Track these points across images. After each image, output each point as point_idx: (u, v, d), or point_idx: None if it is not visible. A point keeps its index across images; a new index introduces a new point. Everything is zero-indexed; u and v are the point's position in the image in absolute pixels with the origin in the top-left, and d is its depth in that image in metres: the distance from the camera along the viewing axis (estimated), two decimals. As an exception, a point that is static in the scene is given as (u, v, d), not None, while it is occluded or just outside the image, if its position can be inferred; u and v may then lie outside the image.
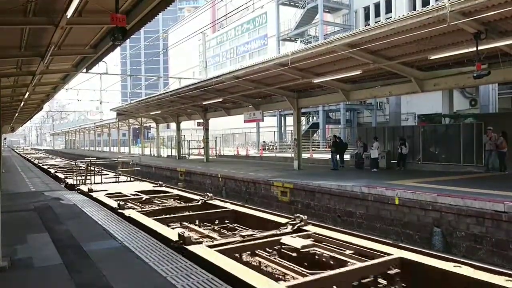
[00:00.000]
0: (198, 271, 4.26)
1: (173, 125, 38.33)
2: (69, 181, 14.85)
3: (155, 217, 7.74)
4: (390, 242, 6.10)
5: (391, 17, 12.84)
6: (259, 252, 6.21)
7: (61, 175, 17.40)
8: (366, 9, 36.64)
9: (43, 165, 24.82)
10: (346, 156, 19.87)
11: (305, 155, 22.11)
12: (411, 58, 11.86)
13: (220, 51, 66.10)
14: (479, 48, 9.43)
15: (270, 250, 6.19)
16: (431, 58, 11.07)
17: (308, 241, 5.98)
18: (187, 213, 8.78)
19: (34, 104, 23.18)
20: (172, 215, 8.43)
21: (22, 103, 19.40)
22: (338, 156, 18.72)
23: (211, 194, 9.89)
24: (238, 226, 7.87)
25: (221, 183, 18.03)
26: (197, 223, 8.26)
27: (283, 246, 5.99)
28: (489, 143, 14.46)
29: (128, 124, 44.84)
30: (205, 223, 8.26)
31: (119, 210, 8.14)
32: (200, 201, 9.62)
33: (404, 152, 16.82)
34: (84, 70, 12.08)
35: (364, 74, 13.70)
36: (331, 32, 37.40)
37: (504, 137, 14.34)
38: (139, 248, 5.15)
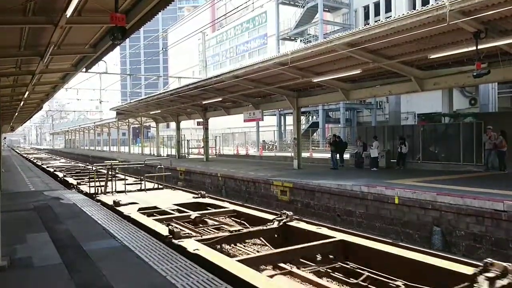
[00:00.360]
0: (198, 270, 4.26)
1: (173, 125, 38.34)
2: (84, 188, 12.18)
3: (239, 259, 5.24)
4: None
5: (390, 16, 12.84)
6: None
7: (71, 180, 14.58)
8: (366, 8, 36.63)
9: (47, 167, 21.68)
10: (346, 156, 19.87)
11: (304, 155, 22.12)
12: (411, 57, 11.85)
13: (220, 51, 66.09)
14: (479, 47, 9.43)
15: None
16: (431, 57, 11.07)
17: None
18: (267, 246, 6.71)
19: (34, 103, 23.17)
20: (251, 249, 6.74)
21: (22, 102, 19.39)
22: (337, 155, 18.72)
23: (291, 213, 7.28)
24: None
25: (221, 182, 18.04)
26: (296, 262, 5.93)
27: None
28: (489, 142, 14.47)
29: (127, 124, 44.84)
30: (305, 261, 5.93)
31: (175, 241, 5.67)
32: (276, 222, 7.03)
33: (403, 151, 16.83)
34: (84, 70, 12.07)
35: (364, 73, 13.69)
36: (331, 31, 37.40)
37: (503, 136, 14.35)
38: (138, 247, 5.15)
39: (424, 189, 10.33)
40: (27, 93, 15.67)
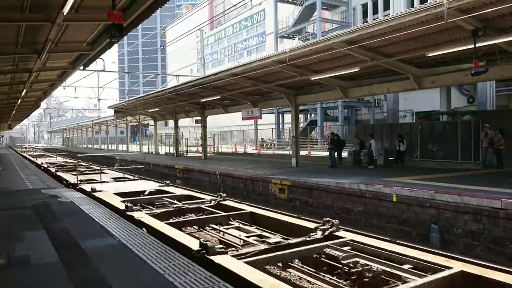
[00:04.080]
0: (196, 268, 4.25)
1: (171, 123, 38.27)
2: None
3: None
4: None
5: (389, 14, 12.79)
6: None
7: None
8: (364, 6, 36.59)
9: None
10: (344, 154, 19.90)
11: (303, 153, 22.14)
12: (409, 55, 11.85)
13: (218, 48, 66.00)
14: (477, 45, 9.43)
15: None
16: (429, 55, 11.07)
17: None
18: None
19: (31, 101, 23.12)
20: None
21: (19, 100, 19.35)
22: (336, 153, 18.73)
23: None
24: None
25: (219, 180, 18.03)
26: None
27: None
28: (486, 140, 14.49)
29: (126, 122, 44.78)
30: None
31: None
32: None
33: (401, 149, 16.87)
34: (81, 68, 12.06)
35: (362, 71, 13.69)
36: (329, 29, 37.34)
37: (501, 135, 14.37)
38: (136, 245, 5.14)
39: (422, 187, 10.36)
40: (24, 91, 15.63)
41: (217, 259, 4.75)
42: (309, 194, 13.01)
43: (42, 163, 21.75)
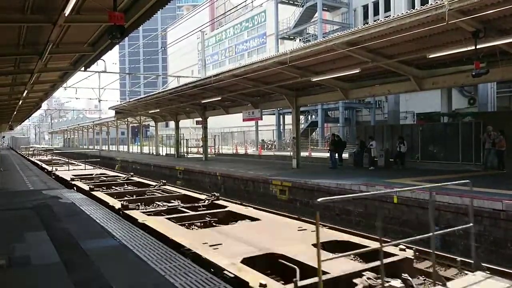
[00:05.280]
0: (197, 269, 4.26)
1: (172, 124, 38.33)
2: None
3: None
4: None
5: (390, 16, 12.82)
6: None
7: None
8: (365, 8, 36.61)
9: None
10: (345, 155, 19.89)
11: (303, 154, 22.12)
12: (410, 56, 11.86)
13: (219, 50, 66.05)
14: (478, 46, 9.43)
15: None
16: (429, 56, 11.07)
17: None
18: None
19: (33, 102, 23.15)
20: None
21: (21, 101, 19.38)
22: (336, 154, 18.73)
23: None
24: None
25: (220, 181, 18.03)
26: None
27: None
28: (488, 141, 14.48)
29: (126, 123, 44.80)
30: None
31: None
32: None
33: (402, 151, 16.85)
34: (83, 69, 12.07)
35: (363, 72, 13.70)
36: (330, 30, 37.37)
37: (502, 136, 14.36)
38: (137, 246, 5.15)
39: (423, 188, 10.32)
40: (25, 92, 15.66)
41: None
42: (309, 195, 13.01)
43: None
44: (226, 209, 8.04)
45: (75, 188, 11.26)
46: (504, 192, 9.31)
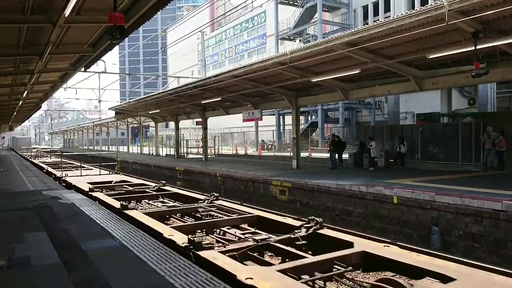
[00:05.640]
0: (196, 269, 4.26)
1: (172, 124, 38.32)
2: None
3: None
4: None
5: (389, 16, 12.84)
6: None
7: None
8: (365, 8, 36.63)
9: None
10: (345, 155, 19.89)
11: (303, 154, 22.13)
12: (410, 57, 11.86)
13: (219, 50, 66.06)
14: (478, 47, 9.44)
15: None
16: (429, 57, 11.08)
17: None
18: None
19: (33, 103, 23.17)
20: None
21: (21, 102, 19.39)
22: (336, 155, 18.73)
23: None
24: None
25: (220, 182, 18.03)
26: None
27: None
28: (488, 141, 14.48)
29: (126, 123, 44.80)
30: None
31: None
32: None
33: (402, 151, 16.84)
34: (82, 69, 12.06)
35: (362, 73, 13.70)
36: (330, 31, 37.37)
37: (502, 136, 14.36)
38: (137, 247, 5.15)
39: (422, 188, 10.35)
40: (25, 92, 15.67)
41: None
42: (309, 195, 13.01)
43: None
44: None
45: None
46: (504, 192, 9.31)
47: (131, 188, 11.55)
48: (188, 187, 16.93)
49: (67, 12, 6.16)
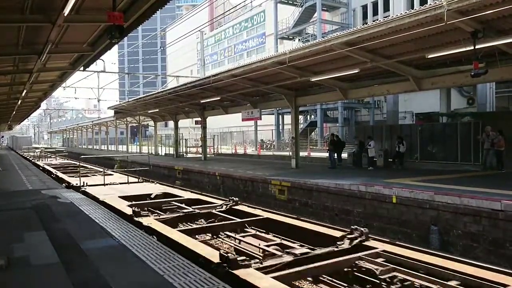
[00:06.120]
0: (196, 269, 4.26)
1: (171, 123, 38.26)
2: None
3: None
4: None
5: (389, 16, 12.85)
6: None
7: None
8: (364, 8, 36.64)
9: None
10: (344, 155, 19.90)
11: (303, 154, 22.13)
12: (409, 56, 11.87)
13: (218, 49, 66.05)
14: (477, 46, 9.44)
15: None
16: (428, 56, 11.08)
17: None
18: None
19: (32, 102, 23.15)
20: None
21: (20, 101, 19.37)
22: (335, 154, 18.74)
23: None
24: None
25: (219, 181, 18.03)
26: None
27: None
28: (487, 141, 14.49)
29: (125, 122, 44.77)
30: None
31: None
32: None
33: (401, 151, 16.85)
34: (82, 68, 12.07)
35: (362, 72, 13.70)
36: (329, 30, 37.39)
37: (501, 136, 14.37)
38: (136, 246, 5.15)
39: (421, 188, 10.36)
40: (24, 91, 15.65)
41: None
42: (308, 195, 13.02)
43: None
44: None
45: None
46: (502, 192, 9.32)
47: (190, 209, 8.21)
48: (187, 186, 16.94)
49: (66, 11, 6.16)
